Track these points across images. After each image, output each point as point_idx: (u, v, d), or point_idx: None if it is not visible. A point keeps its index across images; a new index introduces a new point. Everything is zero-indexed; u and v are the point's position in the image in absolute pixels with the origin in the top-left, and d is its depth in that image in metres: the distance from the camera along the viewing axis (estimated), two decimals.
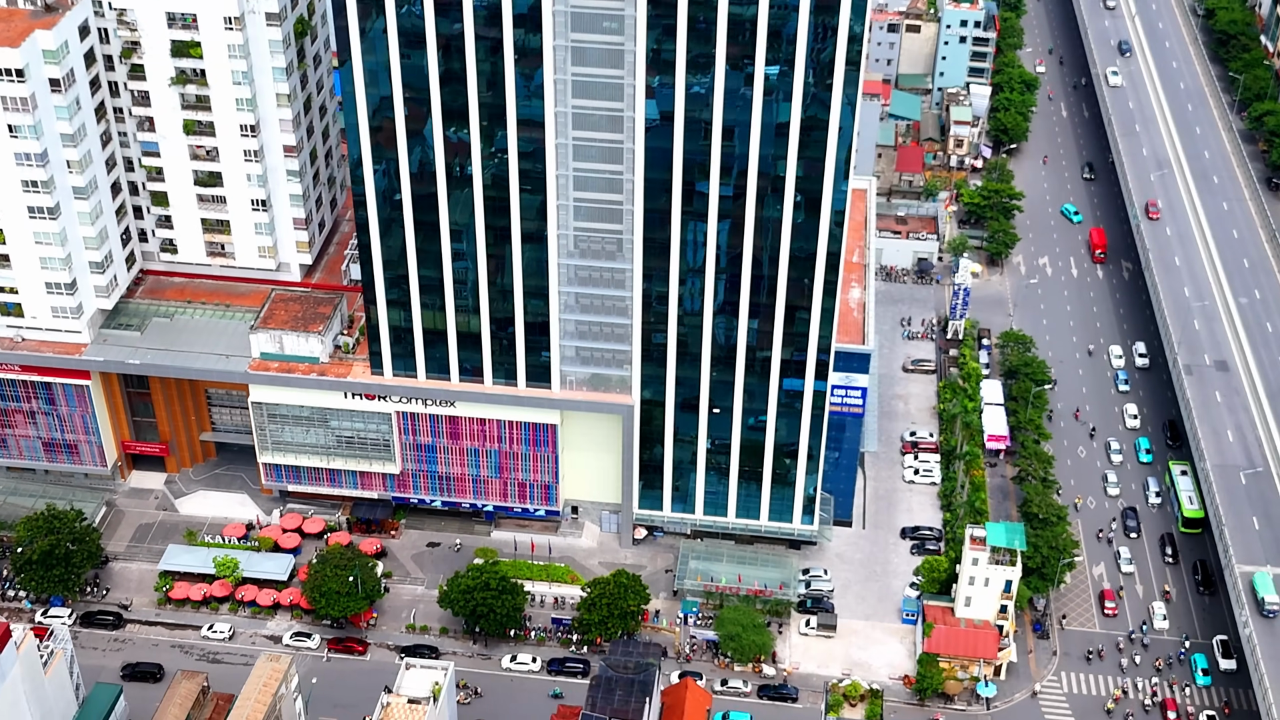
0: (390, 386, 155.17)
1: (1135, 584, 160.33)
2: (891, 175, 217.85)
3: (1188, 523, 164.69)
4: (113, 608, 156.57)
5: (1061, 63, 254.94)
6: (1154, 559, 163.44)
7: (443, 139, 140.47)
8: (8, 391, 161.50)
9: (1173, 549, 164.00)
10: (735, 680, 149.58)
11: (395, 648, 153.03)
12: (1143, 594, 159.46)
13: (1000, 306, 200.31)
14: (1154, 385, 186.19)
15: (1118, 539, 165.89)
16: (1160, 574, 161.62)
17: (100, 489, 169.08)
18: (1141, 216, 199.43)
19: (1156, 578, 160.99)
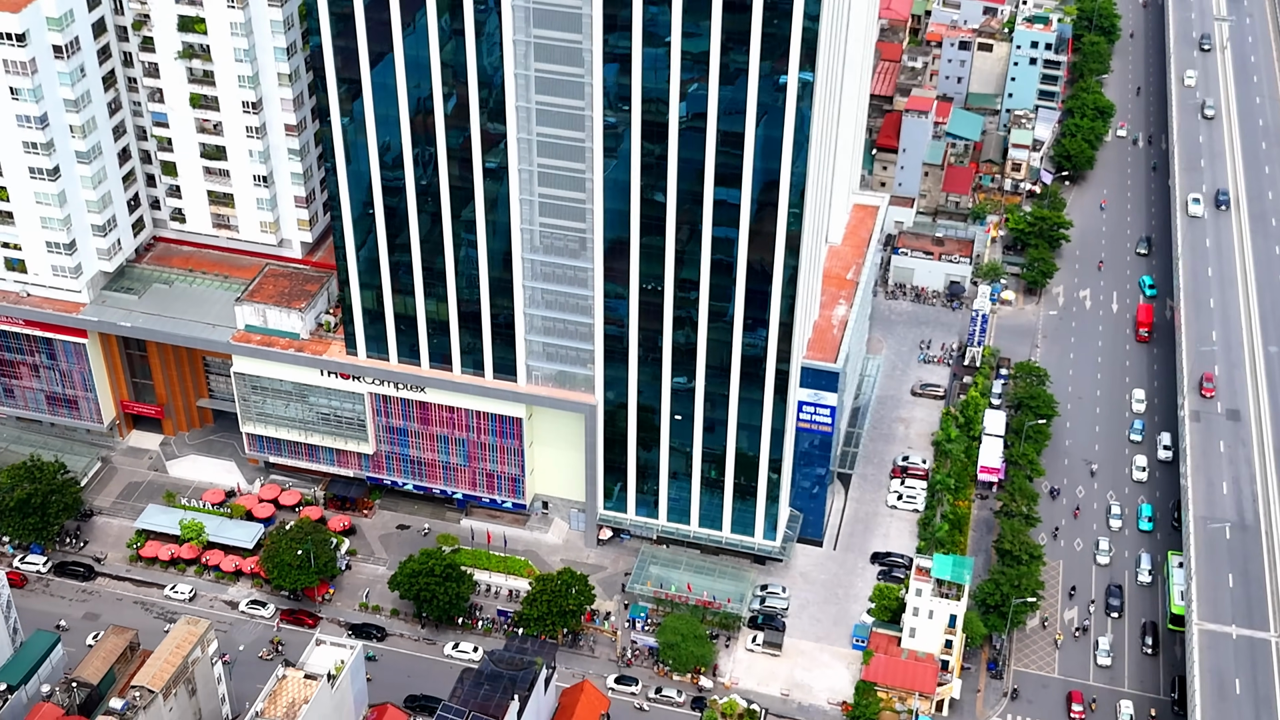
0: (363, 368, 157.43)
1: (1108, 677, 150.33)
2: (938, 195, 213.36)
3: (1176, 619, 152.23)
4: (87, 560, 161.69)
5: (1138, 92, 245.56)
6: (1132, 649, 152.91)
7: (409, 125, 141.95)
8: (13, 344, 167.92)
9: (1154, 641, 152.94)
10: (671, 689, 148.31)
11: (345, 624, 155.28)
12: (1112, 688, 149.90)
13: (1029, 336, 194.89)
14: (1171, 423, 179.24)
15: (1097, 618, 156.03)
16: (1137, 670, 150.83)
17: (100, 445, 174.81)
18: (1183, 268, 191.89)
19: (1131, 674, 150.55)
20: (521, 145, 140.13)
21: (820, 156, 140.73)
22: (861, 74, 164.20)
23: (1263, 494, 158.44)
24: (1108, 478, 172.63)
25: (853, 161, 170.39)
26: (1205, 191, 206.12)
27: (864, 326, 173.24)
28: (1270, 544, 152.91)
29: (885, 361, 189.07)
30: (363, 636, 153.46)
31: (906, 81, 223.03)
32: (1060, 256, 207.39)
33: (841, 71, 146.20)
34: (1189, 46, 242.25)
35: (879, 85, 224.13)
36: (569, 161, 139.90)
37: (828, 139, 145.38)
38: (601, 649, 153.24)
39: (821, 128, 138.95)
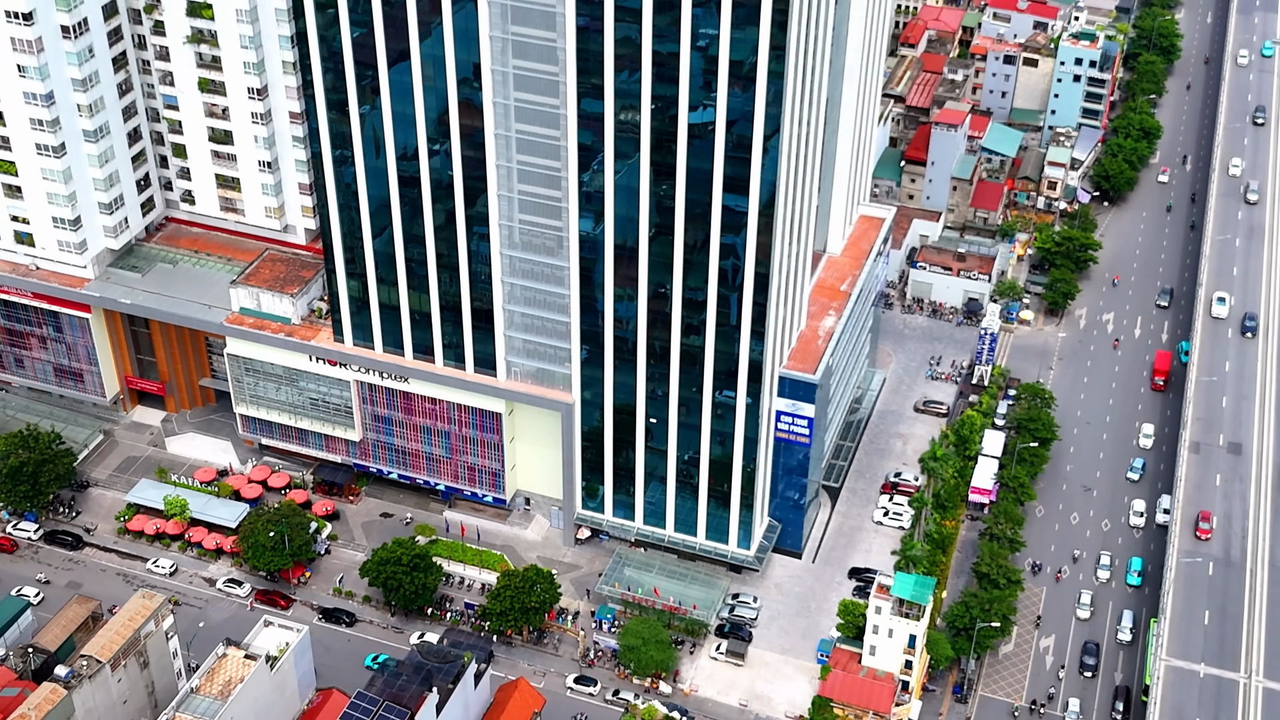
0: (349, 355, 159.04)
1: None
2: (966, 210, 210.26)
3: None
4: (77, 530, 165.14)
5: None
6: (1101, 715, 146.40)
7: (391, 118, 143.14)
8: (22, 316, 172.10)
9: (1125, 707, 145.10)
10: (629, 692, 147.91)
11: (316, 607, 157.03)
12: None
13: (1045, 358, 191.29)
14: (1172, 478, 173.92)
15: (1070, 677, 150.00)
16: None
17: (106, 419, 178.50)
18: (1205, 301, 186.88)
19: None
20: (500, 141, 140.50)
21: (795, 169, 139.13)
22: (864, 84, 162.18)
23: (1254, 530, 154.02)
24: (1103, 512, 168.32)
25: (856, 173, 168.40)
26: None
27: (860, 339, 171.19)
28: (1254, 582, 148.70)
29: (892, 376, 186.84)
30: (333, 621, 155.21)
31: (944, 94, 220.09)
32: (1087, 278, 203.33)
33: (821, 84, 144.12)
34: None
35: (917, 97, 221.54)
36: (545, 159, 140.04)
37: (808, 152, 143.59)
38: (566, 648, 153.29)
39: (795, 143, 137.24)
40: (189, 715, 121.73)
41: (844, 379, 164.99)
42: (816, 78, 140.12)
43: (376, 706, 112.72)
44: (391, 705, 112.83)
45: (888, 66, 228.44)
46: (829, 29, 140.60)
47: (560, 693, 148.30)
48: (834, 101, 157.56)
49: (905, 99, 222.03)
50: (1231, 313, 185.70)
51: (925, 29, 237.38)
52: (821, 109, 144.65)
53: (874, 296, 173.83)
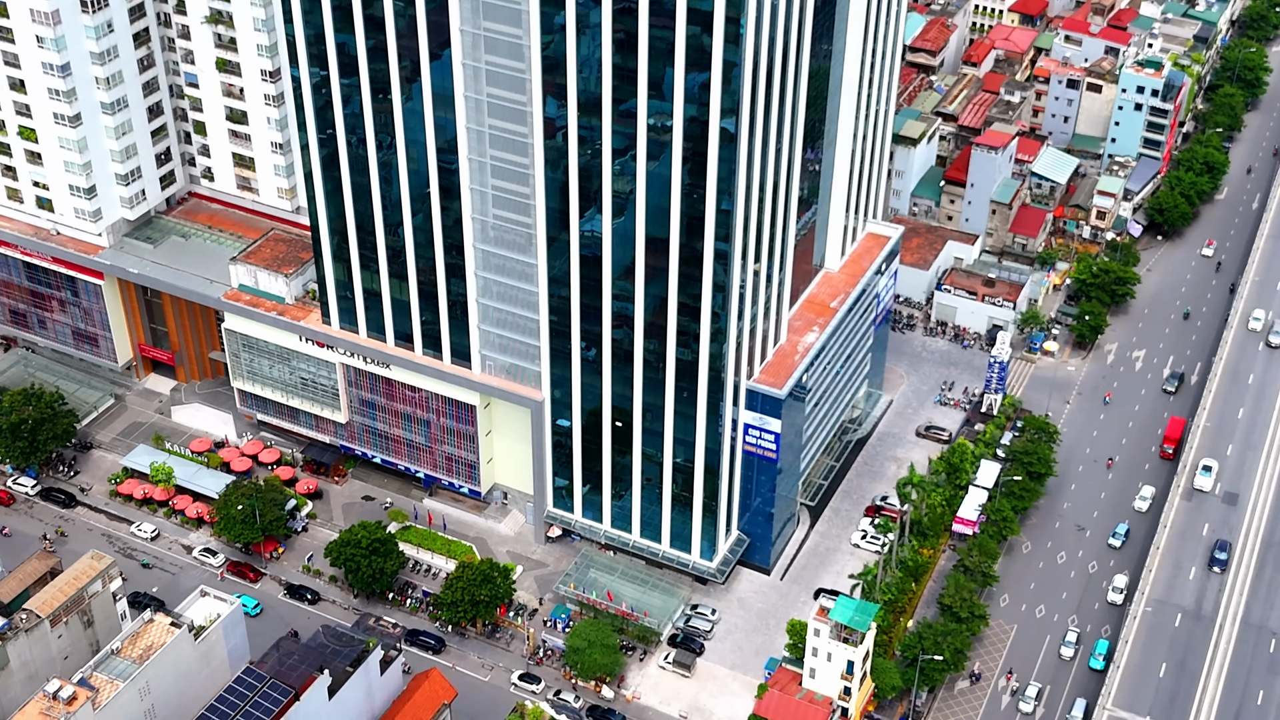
0: (334, 338, 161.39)
1: None
2: (1005, 235, 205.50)
3: None
4: (71, 489, 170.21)
5: (1249, 171, 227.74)
6: None
7: (371, 108, 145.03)
8: (44, 279, 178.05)
9: None
10: (571, 693, 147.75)
11: (284, 583, 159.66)
12: None
13: (1064, 391, 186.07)
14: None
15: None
16: None
17: (119, 384, 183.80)
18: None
19: None
20: (471, 135, 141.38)
21: (760, 180, 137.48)
22: (868, 98, 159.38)
23: (1231, 585, 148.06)
24: (1089, 555, 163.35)
25: (861, 188, 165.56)
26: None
27: (856, 358, 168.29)
28: (1220, 638, 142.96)
29: (900, 398, 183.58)
30: (296, 597, 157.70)
31: (998, 115, 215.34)
32: (1125, 313, 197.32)
33: (796, 97, 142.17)
34: None
35: (970, 116, 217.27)
36: (515, 155, 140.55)
37: (780, 164, 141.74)
38: (518, 644, 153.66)
39: (758, 155, 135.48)
40: (104, 675, 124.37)
41: (829, 397, 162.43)
42: (788, 90, 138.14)
43: (262, 683, 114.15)
44: (277, 683, 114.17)
45: (945, 83, 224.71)
46: (802, 45, 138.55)
47: (505, 688, 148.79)
48: (831, 116, 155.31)
49: (957, 118, 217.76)
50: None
51: (992, 48, 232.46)
52: (799, 121, 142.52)
53: (876, 316, 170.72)
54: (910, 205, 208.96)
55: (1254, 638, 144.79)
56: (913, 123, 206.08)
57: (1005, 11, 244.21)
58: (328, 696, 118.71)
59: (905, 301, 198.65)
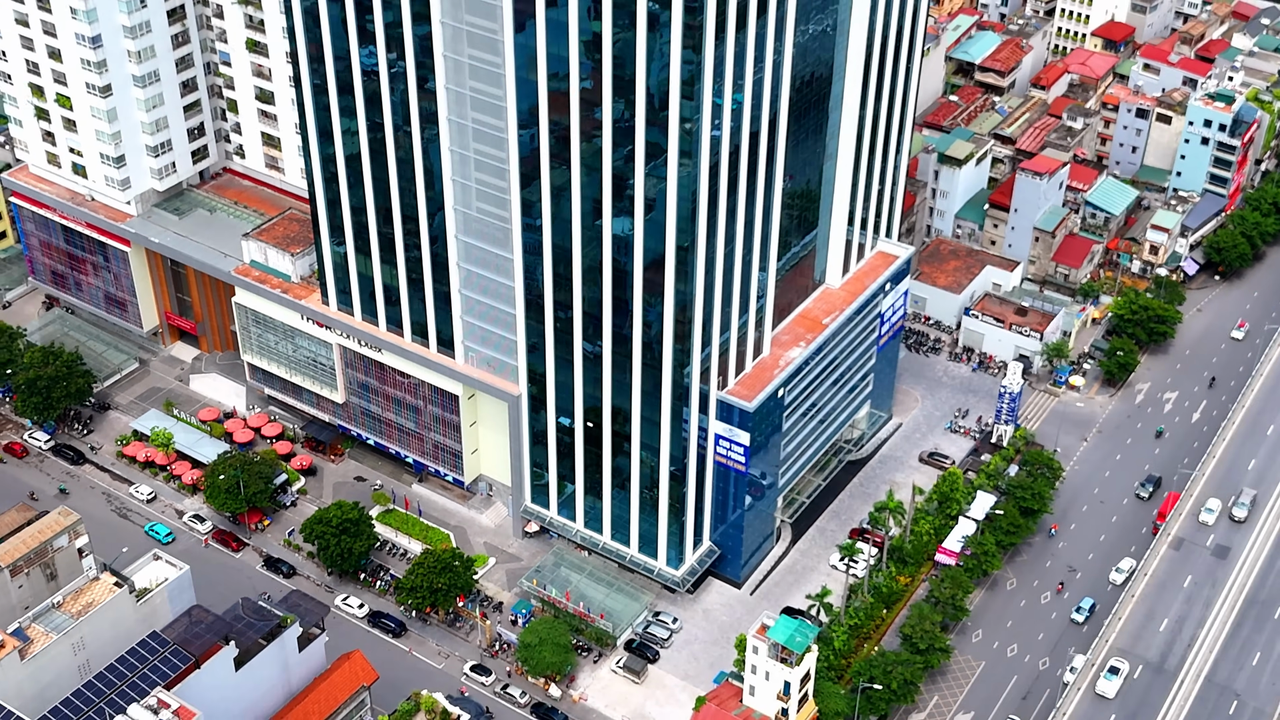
0: (331, 319, 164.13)
1: None
2: (1047, 264, 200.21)
3: None
4: (82, 447, 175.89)
5: None
6: None
7: (363, 93, 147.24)
8: (79, 242, 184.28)
9: None
10: (519, 688, 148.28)
11: (263, 554, 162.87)
12: None
13: (1084, 428, 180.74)
14: None
15: None
16: None
17: (147, 349, 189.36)
18: None
19: None
20: (453, 127, 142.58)
21: (727, 188, 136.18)
22: (874, 112, 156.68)
23: (1203, 640, 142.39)
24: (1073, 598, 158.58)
25: (868, 204, 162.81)
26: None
27: (855, 378, 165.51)
28: (1178, 695, 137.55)
29: (911, 422, 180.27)
30: (272, 569, 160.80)
31: (1056, 141, 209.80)
32: (1163, 353, 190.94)
33: (776, 107, 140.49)
34: None
35: (1028, 141, 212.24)
36: (492, 149, 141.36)
37: (755, 175, 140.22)
38: (479, 635, 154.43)
39: (724, 164, 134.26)
40: (42, 627, 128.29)
41: (815, 414, 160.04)
42: (762, 101, 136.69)
43: (164, 648, 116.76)
44: (179, 649, 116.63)
45: (1009, 105, 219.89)
46: (780, 57, 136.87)
47: (457, 677, 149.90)
48: (832, 130, 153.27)
49: (1015, 141, 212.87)
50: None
51: (1065, 72, 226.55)
52: (780, 132, 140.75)
53: (881, 335, 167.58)
54: (954, 227, 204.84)
55: (1215, 696, 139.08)
56: (961, 143, 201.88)
57: (1088, 36, 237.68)
58: (234, 668, 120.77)
59: (935, 324, 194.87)
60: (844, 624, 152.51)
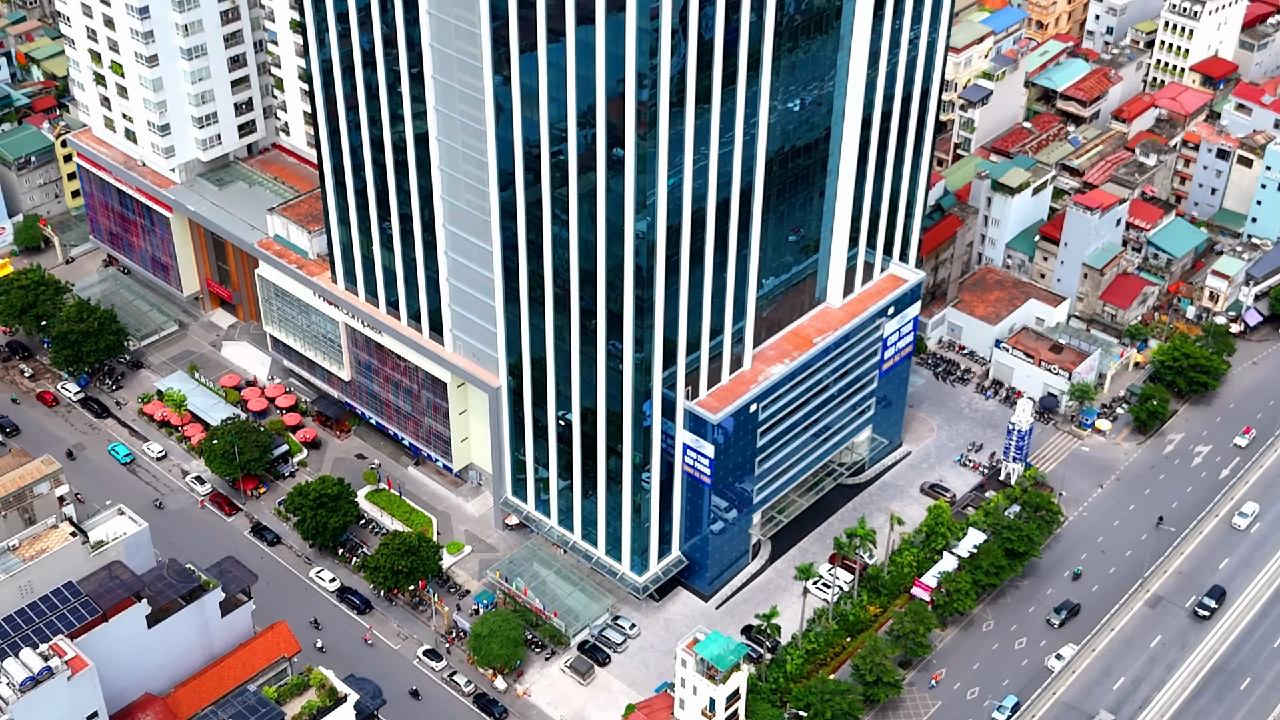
0: (338, 297, 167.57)
1: None
2: (1095, 302, 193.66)
3: None
4: (109, 401, 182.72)
5: None
6: None
7: (363, 81, 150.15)
8: (130, 205, 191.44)
9: None
10: (466, 676, 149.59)
11: (253, 520, 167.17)
12: None
13: (1103, 474, 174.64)
14: None
15: None
16: None
17: (189, 313, 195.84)
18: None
19: None
20: (441, 118, 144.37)
21: (688, 196, 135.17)
22: (881, 130, 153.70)
23: (1156, 700, 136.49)
24: None
25: (878, 225, 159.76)
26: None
27: (852, 401, 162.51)
28: None
29: (921, 450, 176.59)
30: (258, 537, 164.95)
31: (1125, 176, 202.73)
32: (1205, 404, 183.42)
33: (752, 120, 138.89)
34: None
35: (1095, 174, 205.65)
36: (475, 140, 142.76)
37: (725, 186, 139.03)
38: (440, 620, 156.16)
39: (686, 171, 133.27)
40: None
41: (801, 433, 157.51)
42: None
43: (75, 599, 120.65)
44: (89, 601, 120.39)
45: (1084, 136, 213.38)
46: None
47: (410, 659, 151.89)
48: (834, 146, 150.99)
49: (1082, 174, 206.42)
50: None
51: (1151, 106, 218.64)
52: (760, 145, 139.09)
53: (884, 359, 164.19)
54: (1005, 257, 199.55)
55: None
56: (1018, 171, 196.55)
57: (1187, 70, 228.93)
58: (146, 625, 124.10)
59: (969, 354, 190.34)
60: (801, 648, 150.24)
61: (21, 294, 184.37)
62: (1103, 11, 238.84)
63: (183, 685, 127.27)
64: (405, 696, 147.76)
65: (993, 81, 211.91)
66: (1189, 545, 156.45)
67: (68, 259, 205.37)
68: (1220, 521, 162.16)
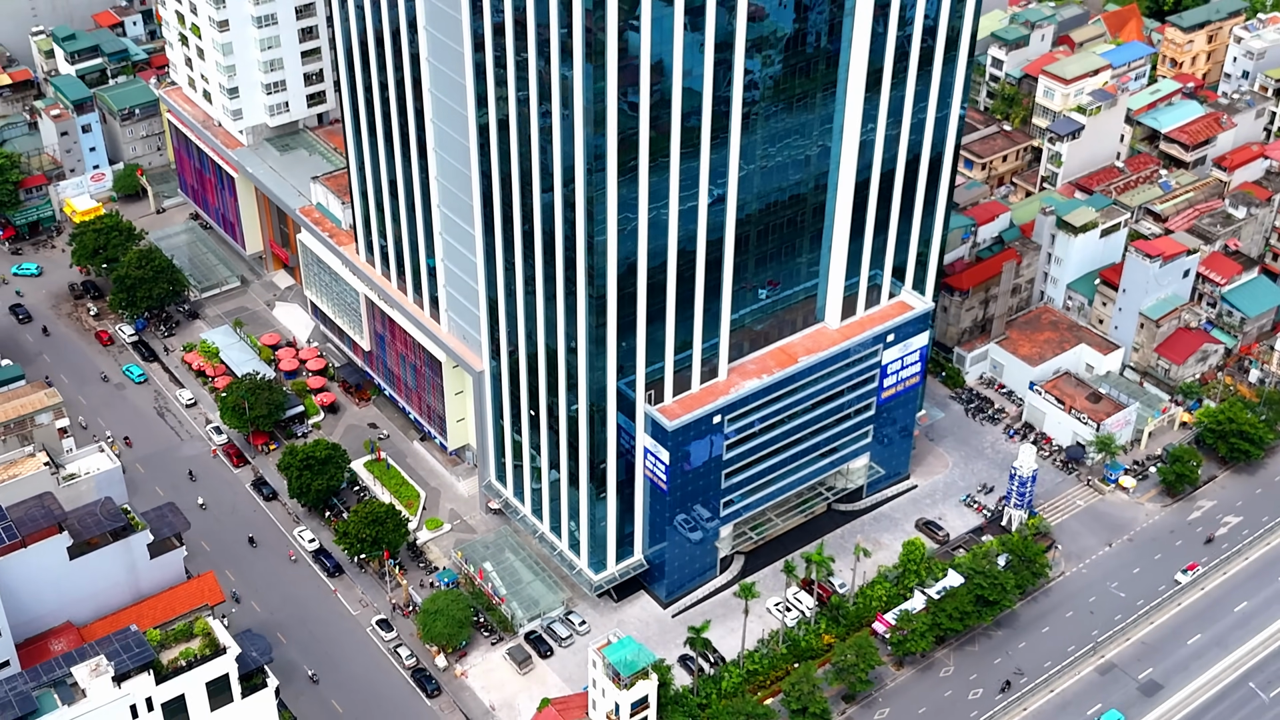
0: (358, 268, 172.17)
1: None
2: (1150, 354, 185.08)
3: None
4: (157, 347, 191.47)
5: None
6: None
7: (377, 69, 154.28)
8: (206, 162, 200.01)
9: None
10: (410, 650, 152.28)
11: (257, 474, 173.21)
12: None
13: (1117, 533, 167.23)
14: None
15: None
16: None
17: (256, 271, 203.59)
18: None
19: None
20: (436, 101, 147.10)
21: (647, 208, 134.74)
22: (885, 149, 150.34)
23: None
24: None
25: (886, 250, 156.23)
26: None
27: (827, 421, 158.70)
28: None
29: (929, 485, 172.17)
30: (256, 490, 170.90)
31: (1208, 228, 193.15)
32: (1249, 474, 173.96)
33: None
34: None
35: (1178, 221, 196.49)
36: (460, 137, 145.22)
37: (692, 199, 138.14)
38: (398, 593, 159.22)
39: (640, 189, 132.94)
40: None
41: (772, 452, 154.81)
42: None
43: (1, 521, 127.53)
44: (11, 527, 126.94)
45: (1176, 181, 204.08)
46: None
47: (364, 627, 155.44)
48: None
49: (1164, 219, 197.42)
50: None
51: (1260, 157, 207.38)
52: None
53: (883, 388, 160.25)
54: (1065, 297, 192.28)
55: None
56: (1085, 210, 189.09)
57: None
58: (68, 556, 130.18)
59: (1008, 394, 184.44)
60: (743, 667, 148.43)
61: (95, 237, 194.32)
62: (1240, 54, 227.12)
63: (102, 620, 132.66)
64: (348, 660, 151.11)
65: (1085, 116, 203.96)
66: (1163, 614, 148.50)
67: (159, 209, 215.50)
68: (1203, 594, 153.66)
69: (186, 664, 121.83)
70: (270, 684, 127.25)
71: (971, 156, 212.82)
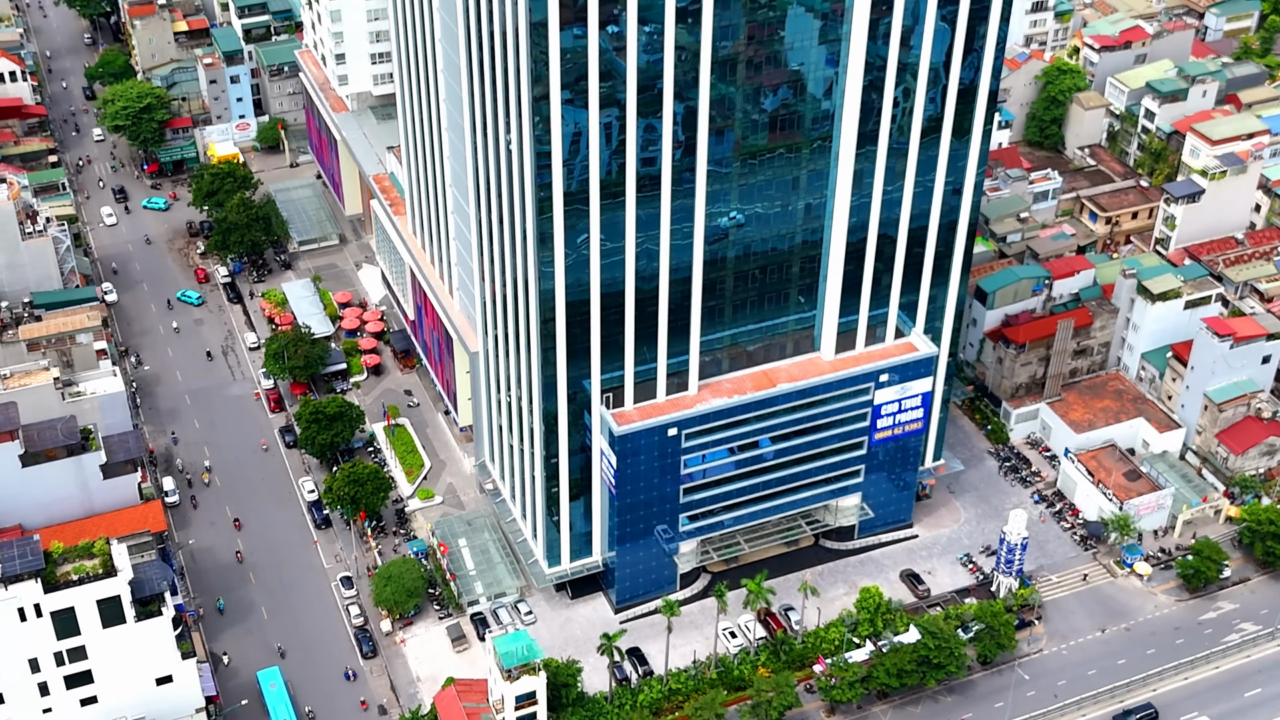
0: (405, 238, 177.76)
1: None
2: (1211, 439, 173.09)
3: None
4: (244, 290, 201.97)
5: None
6: None
7: (407, 57, 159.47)
8: (321, 123, 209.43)
9: None
10: (360, 609, 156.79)
11: (287, 420, 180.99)
12: None
13: (1116, 619, 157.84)
14: None
15: None
16: None
17: (358, 232, 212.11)
18: None
19: None
20: (448, 85, 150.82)
21: (601, 218, 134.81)
22: (887, 190, 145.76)
23: None
24: None
25: (890, 289, 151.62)
26: None
27: (807, 452, 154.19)
28: None
29: (930, 538, 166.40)
30: (281, 436, 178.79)
31: None
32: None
33: None
34: None
35: (1278, 303, 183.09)
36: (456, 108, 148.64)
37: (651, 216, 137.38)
38: (375, 555, 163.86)
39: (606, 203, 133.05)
40: None
41: (748, 475, 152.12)
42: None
43: None
44: None
45: None
46: None
47: (329, 580, 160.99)
48: (829, 187, 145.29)
49: (1270, 300, 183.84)
50: None
51: None
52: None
53: (876, 430, 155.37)
54: (1139, 367, 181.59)
55: None
56: (1167, 278, 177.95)
57: None
58: (21, 464, 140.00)
59: (1051, 458, 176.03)
60: (666, 684, 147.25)
61: (212, 180, 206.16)
62: None
63: (51, 528, 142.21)
64: (303, 608, 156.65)
65: (1206, 179, 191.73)
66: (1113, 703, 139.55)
67: (293, 163, 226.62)
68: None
69: (78, 579, 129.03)
70: (166, 613, 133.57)
71: (1096, 209, 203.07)
